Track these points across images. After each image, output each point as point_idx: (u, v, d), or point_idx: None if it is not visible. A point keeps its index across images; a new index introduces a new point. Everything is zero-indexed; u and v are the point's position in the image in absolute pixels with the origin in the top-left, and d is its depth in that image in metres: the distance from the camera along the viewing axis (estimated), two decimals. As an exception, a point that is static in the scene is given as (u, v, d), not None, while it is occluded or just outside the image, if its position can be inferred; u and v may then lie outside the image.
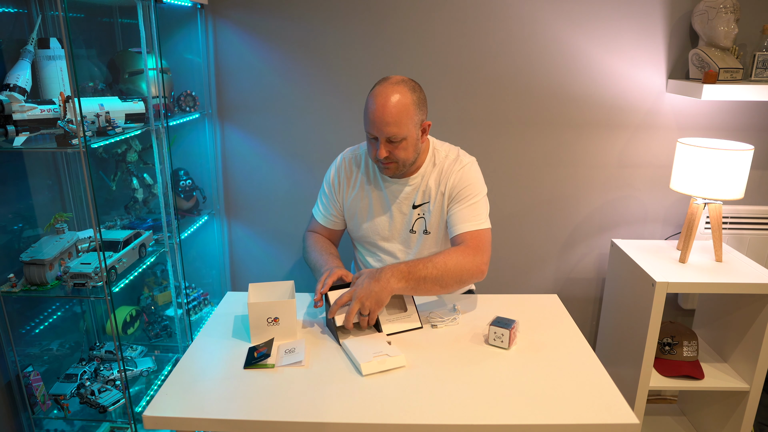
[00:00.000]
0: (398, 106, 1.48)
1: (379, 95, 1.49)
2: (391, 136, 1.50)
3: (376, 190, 1.69)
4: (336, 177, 1.73)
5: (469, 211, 1.59)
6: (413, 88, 1.53)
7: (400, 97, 1.48)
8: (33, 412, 1.58)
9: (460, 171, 1.62)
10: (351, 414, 1.14)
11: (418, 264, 1.45)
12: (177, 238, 1.83)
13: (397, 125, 1.48)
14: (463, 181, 1.61)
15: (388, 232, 1.70)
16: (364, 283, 1.40)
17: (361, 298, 1.38)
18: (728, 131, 2.16)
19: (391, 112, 1.47)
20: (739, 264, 1.93)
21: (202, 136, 2.20)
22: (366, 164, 1.71)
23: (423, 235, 1.68)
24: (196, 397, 1.20)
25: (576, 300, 2.39)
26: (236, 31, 2.10)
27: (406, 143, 1.53)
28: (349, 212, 1.74)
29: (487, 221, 1.60)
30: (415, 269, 1.43)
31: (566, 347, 1.40)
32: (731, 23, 1.92)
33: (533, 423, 1.12)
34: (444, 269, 1.45)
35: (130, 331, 1.93)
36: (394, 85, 1.50)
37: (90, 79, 1.74)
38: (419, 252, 1.70)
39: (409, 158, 1.56)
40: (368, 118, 1.51)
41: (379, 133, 1.50)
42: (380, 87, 1.51)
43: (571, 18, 2.06)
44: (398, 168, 1.58)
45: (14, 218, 1.58)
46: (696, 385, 1.88)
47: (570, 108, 2.16)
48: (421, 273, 1.43)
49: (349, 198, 1.72)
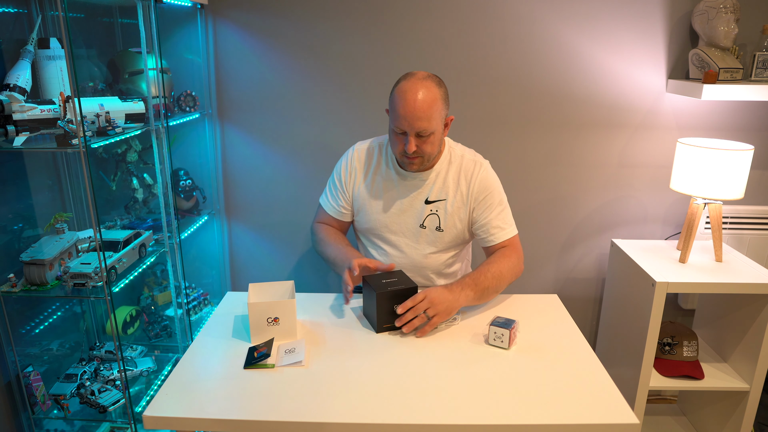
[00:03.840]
0: (428, 101, 1.51)
1: (410, 91, 1.51)
2: (421, 130, 1.52)
3: (387, 182, 1.71)
4: (347, 167, 1.74)
5: (503, 218, 1.68)
6: (439, 83, 1.56)
7: (430, 92, 1.51)
8: (33, 412, 1.58)
9: (484, 174, 1.67)
10: (351, 414, 1.14)
11: (479, 276, 1.54)
12: (177, 238, 1.83)
13: (428, 120, 1.51)
14: (489, 186, 1.67)
15: (396, 226, 1.71)
16: (438, 290, 1.45)
17: (434, 300, 1.42)
18: (728, 131, 2.16)
19: (422, 107, 1.50)
20: (739, 264, 1.93)
21: (202, 136, 2.20)
22: (379, 156, 1.72)
23: (435, 232, 1.69)
24: (196, 397, 1.20)
25: (576, 300, 2.39)
26: (236, 31, 2.10)
27: (434, 138, 1.56)
28: (358, 203, 1.75)
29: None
30: (479, 280, 1.52)
31: (566, 347, 1.40)
32: (731, 23, 1.92)
33: (533, 423, 1.12)
34: (500, 277, 1.56)
35: (130, 331, 1.93)
36: (423, 81, 1.52)
37: (90, 79, 1.74)
38: (425, 249, 1.71)
39: (434, 153, 1.60)
40: (398, 113, 1.52)
41: (409, 128, 1.53)
42: (408, 83, 1.53)
43: (571, 18, 2.06)
44: (423, 162, 1.61)
45: (14, 218, 1.58)
46: (696, 385, 1.88)
47: (570, 108, 2.16)
48: (485, 284, 1.53)
49: (359, 188, 1.73)
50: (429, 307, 1.41)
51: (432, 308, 1.41)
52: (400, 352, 1.36)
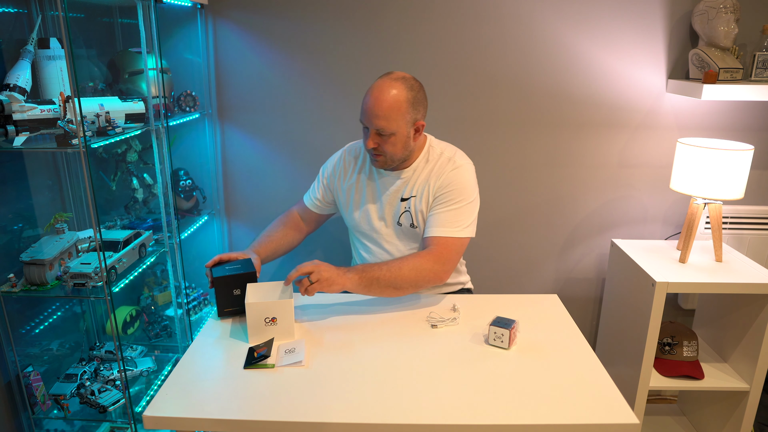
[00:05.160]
0: (390, 102, 1.51)
1: (376, 88, 1.53)
2: (379, 129, 1.53)
3: (369, 180, 1.73)
4: (336, 165, 1.79)
5: (448, 216, 1.59)
6: (411, 86, 1.54)
7: (395, 93, 1.51)
8: (33, 412, 1.58)
9: (452, 172, 1.62)
10: (351, 414, 1.14)
11: (374, 266, 1.52)
12: (177, 238, 1.83)
13: (386, 119, 1.52)
14: (452, 183, 1.60)
15: (377, 223, 1.72)
16: (328, 265, 1.48)
17: (320, 267, 1.45)
18: (728, 131, 2.16)
19: (382, 107, 1.51)
20: (739, 264, 1.93)
21: (202, 136, 2.20)
22: (364, 156, 1.75)
23: (411, 229, 1.69)
24: (196, 397, 1.20)
25: (576, 300, 2.39)
26: (236, 31, 2.10)
27: (395, 139, 1.55)
28: (343, 201, 1.77)
29: (466, 230, 1.59)
30: (369, 269, 1.51)
31: (566, 347, 1.40)
32: (731, 23, 1.92)
33: (533, 423, 1.12)
34: (397, 275, 1.51)
35: (130, 331, 1.93)
36: (393, 81, 1.53)
37: (90, 79, 1.74)
38: (406, 245, 1.71)
39: (396, 154, 1.59)
40: (362, 107, 1.56)
41: (369, 124, 1.55)
42: (380, 80, 1.55)
43: (571, 18, 2.05)
44: (386, 162, 1.61)
45: (14, 218, 1.58)
46: (696, 385, 1.88)
47: (570, 108, 2.16)
48: (374, 274, 1.50)
49: (344, 187, 1.76)
50: (313, 272, 1.44)
51: (315, 274, 1.44)
52: (400, 352, 1.36)
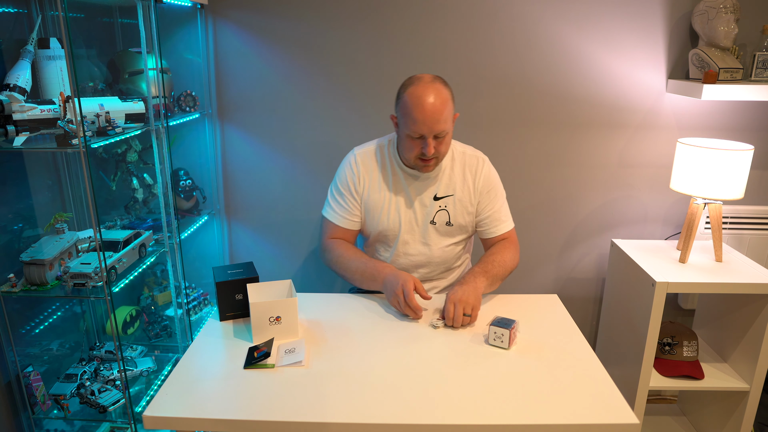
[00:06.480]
0: (442, 103, 1.55)
1: (423, 95, 1.54)
2: (439, 132, 1.56)
3: (396, 184, 1.72)
4: (354, 173, 1.72)
5: (505, 211, 1.76)
6: (445, 83, 1.60)
7: (441, 94, 1.56)
8: (33, 412, 1.58)
9: (488, 169, 1.74)
10: (351, 414, 1.14)
11: (487, 265, 1.61)
12: (177, 238, 1.83)
13: (445, 122, 1.56)
14: (493, 180, 1.74)
15: (409, 225, 1.73)
16: (455, 290, 1.50)
17: (461, 299, 1.47)
18: (728, 131, 2.16)
19: (440, 110, 1.54)
20: (739, 264, 1.93)
21: (202, 136, 2.20)
22: (383, 159, 1.72)
23: (445, 226, 1.72)
24: (196, 397, 1.20)
25: (576, 300, 2.39)
26: (236, 31, 2.10)
27: (448, 137, 1.61)
28: (367, 207, 1.73)
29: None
30: (488, 268, 1.60)
31: (566, 347, 1.40)
32: (731, 23, 1.92)
33: (533, 423, 1.12)
34: (504, 266, 1.64)
35: (130, 331, 1.93)
36: (432, 84, 1.56)
37: (90, 79, 1.74)
38: (437, 244, 1.73)
39: (447, 151, 1.65)
40: (415, 118, 1.54)
41: (429, 132, 1.55)
42: (419, 87, 1.55)
43: (572, 18, 2.05)
44: (437, 163, 1.65)
45: (14, 218, 1.58)
46: (696, 385, 1.88)
47: (570, 108, 2.16)
48: (493, 271, 1.60)
49: (369, 193, 1.72)
50: (462, 307, 1.46)
51: (465, 306, 1.47)
52: (400, 352, 1.36)
